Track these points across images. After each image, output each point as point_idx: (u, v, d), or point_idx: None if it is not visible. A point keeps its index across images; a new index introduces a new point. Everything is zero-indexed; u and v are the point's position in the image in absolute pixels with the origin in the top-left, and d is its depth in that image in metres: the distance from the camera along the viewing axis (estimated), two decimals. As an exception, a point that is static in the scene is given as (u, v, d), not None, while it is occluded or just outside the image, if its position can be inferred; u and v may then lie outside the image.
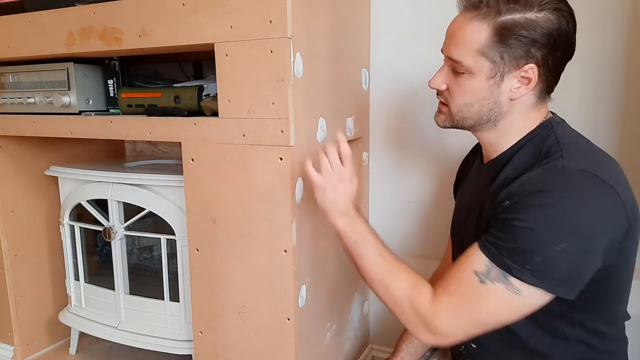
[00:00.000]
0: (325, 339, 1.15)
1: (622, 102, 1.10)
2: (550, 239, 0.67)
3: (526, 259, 0.68)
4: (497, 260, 0.70)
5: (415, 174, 1.35)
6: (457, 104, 0.78)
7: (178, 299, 1.22)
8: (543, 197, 0.68)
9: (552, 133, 0.77)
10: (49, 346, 1.51)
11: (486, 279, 0.71)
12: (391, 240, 1.39)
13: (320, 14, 1.01)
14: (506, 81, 0.74)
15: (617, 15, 1.07)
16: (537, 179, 0.71)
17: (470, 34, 0.73)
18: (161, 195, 1.19)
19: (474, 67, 0.74)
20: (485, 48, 0.72)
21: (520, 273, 0.68)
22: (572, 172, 0.69)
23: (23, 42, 1.19)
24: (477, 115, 0.78)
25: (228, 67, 0.95)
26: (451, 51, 0.76)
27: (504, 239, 0.70)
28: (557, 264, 0.67)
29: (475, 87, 0.75)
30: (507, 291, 0.69)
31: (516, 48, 0.71)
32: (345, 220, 0.84)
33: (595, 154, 0.76)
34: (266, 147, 0.94)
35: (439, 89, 0.81)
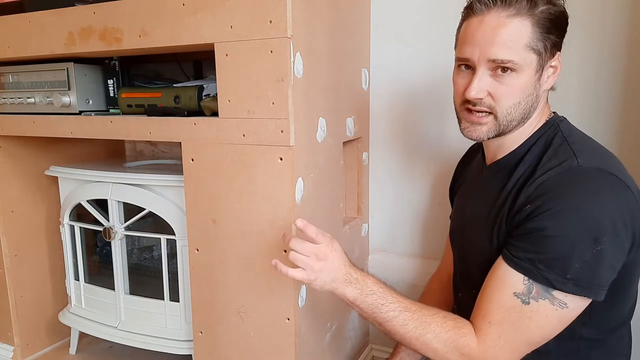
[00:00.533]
0: (325, 339, 1.15)
1: (621, 99, 1.10)
2: (584, 242, 0.66)
3: (565, 267, 0.66)
4: (535, 276, 0.68)
5: (415, 174, 1.35)
6: (506, 106, 0.74)
7: (178, 299, 1.22)
8: (566, 201, 0.67)
9: (559, 131, 0.77)
10: (49, 346, 1.51)
11: (529, 298, 0.69)
12: (391, 240, 1.40)
13: (320, 14, 1.01)
14: (544, 72, 0.74)
15: (617, 12, 1.07)
16: (555, 180, 0.70)
17: (514, 30, 0.70)
18: (161, 195, 1.19)
19: (524, 63, 0.71)
20: (533, 41, 0.71)
21: (563, 284, 0.67)
22: (588, 171, 0.69)
23: (23, 42, 1.19)
24: (523, 113, 0.75)
25: (228, 67, 0.95)
26: (496, 53, 0.71)
27: (537, 251, 0.68)
28: (596, 267, 0.66)
29: (525, 83, 0.73)
30: (553, 306, 0.68)
31: (554, 37, 0.72)
32: (354, 289, 0.79)
33: (600, 150, 0.76)
34: (266, 147, 0.94)
35: (479, 98, 0.74)
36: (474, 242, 0.86)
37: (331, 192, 1.12)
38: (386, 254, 1.41)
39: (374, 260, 1.42)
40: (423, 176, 1.34)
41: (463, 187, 1.00)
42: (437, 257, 1.34)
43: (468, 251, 0.90)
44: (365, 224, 1.38)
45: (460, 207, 0.97)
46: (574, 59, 1.12)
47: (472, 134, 0.78)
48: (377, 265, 1.42)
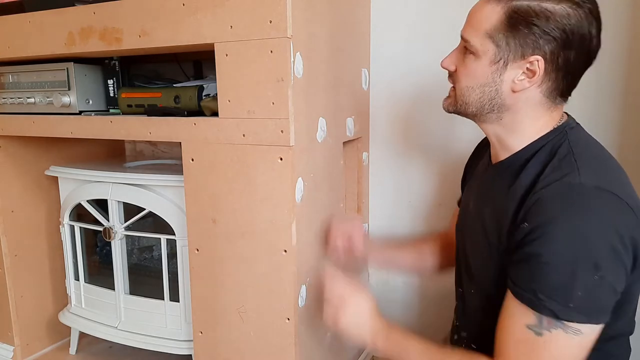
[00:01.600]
0: (325, 339, 1.15)
1: (623, 100, 1.10)
2: (584, 269, 0.64)
3: (567, 296, 0.65)
4: (538, 306, 0.66)
5: (415, 174, 1.35)
6: (462, 86, 0.78)
7: (178, 299, 1.22)
8: (564, 224, 0.65)
9: (566, 139, 0.74)
10: (49, 346, 1.51)
11: (541, 329, 0.67)
12: (391, 240, 1.40)
13: (320, 14, 1.01)
14: (510, 70, 0.72)
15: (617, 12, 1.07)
16: (552, 198, 0.68)
17: (484, 14, 0.72)
18: (161, 195, 1.19)
19: (480, 49, 0.73)
20: (493, 31, 0.71)
21: (567, 314, 0.65)
22: (588, 190, 0.67)
23: (23, 42, 1.19)
24: (479, 102, 0.76)
25: (228, 67, 0.95)
26: (464, 29, 0.76)
27: (536, 280, 0.67)
28: (598, 293, 0.65)
29: (478, 69, 0.74)
30: (567, 334, 0.66)
31: (525, 36, 0.69)
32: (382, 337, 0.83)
33: (607, 165, 0.74)
34: (266, 147, 0.94)
35: (448, 69, 0.80)
36: (474, 241, 0.86)
37: (331, 192, 1.12)
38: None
39: (374, 260, 1.42)
40: (423, 176, 1.34)
41: (470, 182, 0.99)
42: (437, 257, 1.34)
43: (468, 249, 0.89)
44: (365, 224, 1.38)
45: (465, 202, 0.96)
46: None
47: (443, 103, 0.84)
48: (377, 265, 1.42)
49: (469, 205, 0.91)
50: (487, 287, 0.83)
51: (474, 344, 0.88)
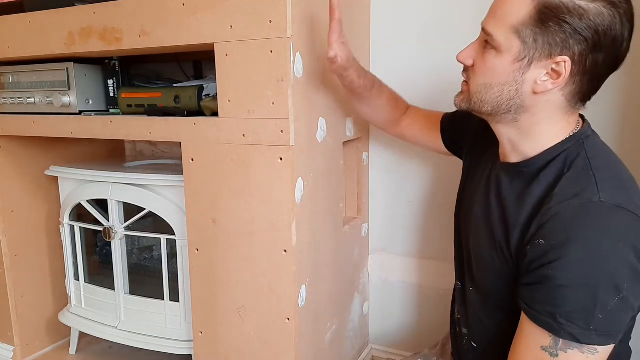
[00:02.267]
0: (325, 339, 1.15)
1: (622, 101, 1.10)
2: (605, 292, 0.62)
3: (588, 320, 0.63)
4: (557, 331, 0.65)
5: (415, 174, 1.35)
6: (477, 82, 0.72)
7: (178, 299, 1.22)
8: (584, 247, 0.63)
9: (583, 150, 0.71)
10: (49, 346, 1.51)
11: (556, 350, 0.66)
12: (391, 240, 1.40)
13: (320, 14, 1.01)
14: (533, 69, 0.67)
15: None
16: (572, 216, 0.65)
17: (512, 6, 0.66)
18: (161, 195, 1.19)
19: (504, 44, 0.67)
20: (521, 25, 0.66)
21: (588, 337, 0.63)
22: (609, 210, 0.64)
23: (23, 42, 1.19)
24: (496, 101, 0.71)
25: (228, 67, 0.95)
26: (487, 21, 0.70)
27: (556, 304, 0.64)
28: (619, 315, 0.64)
29: (499, 66, 0.69)
30: (584, 354, 0.64)
31: (554, 34, 0.64)
32: None
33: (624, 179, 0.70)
34: (266, 147, 0.94)
35: (465, 64, 0.75)
36: (479, 242, 0.83)
37: (331, 192, 1.12)
38: (386, 254, 1.41)
39: (374, 260, 1.42)
40: (423, 176, 1.34)
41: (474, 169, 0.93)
42: (438, 257, 1.34)
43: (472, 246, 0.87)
44: (365, 224, 1.38)
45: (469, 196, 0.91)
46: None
47: (454, 100, 0.79)
48: (377, 265, 1.42)
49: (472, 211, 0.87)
50: (489, 288, 0.82)
51: (474, 342, 0.88)
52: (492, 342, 0.84)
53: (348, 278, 1.28)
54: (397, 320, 1.43)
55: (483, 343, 0.87)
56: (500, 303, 0.79)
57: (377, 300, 1.44)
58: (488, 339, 0.85)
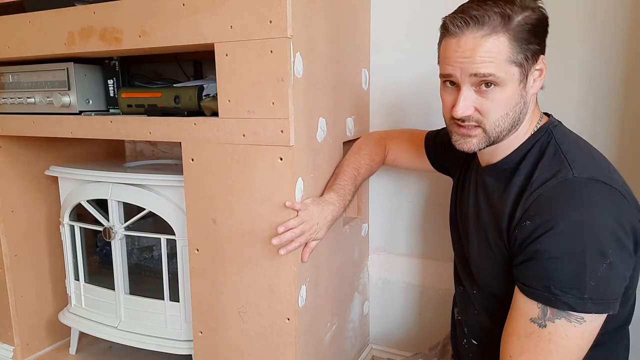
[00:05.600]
0: (325, 339, 1.15)
1: (621, 103, 1.10)
2: (593, 258, 0.65)
3: (581, 287, 0.66)
4: (554, 302, 0.67)
5: (415, 174, 1.35)
6: (494, 119, 0.74)
7: (178, 299, 1.22)
8: (567, 218, 0.67)
9: (552, 137, 0.77)
10: (49, 346, 1.51)
11: (545, 320, 0.69)
12: (391, 240, 1.40)
13: (320, 14, 1.01)
14: (530, 78, 0.74)
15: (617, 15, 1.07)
16: (551, 194, 0.70)
17: (492, 48, 0.70)
18: (161, 195, 1.19)
19: (506, 77, 0.71)
20: (512, 55, 0.70)
21: (582, 305, 0.66)
22: (583, 182, 0.69)
23: (23, 42, 1.19)
24: (512, 123, 0.75)
25: (228, 67, 0.95)
26: (477, 68, 0.71)
27: (549, 277, 0.68)
28: (610, 280, 0.66)
29: (510, 95, 0.73)
30: (571, 323, 0.67)
31: (534, 44, 0.72)
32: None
33: (594, 158, 0.76)
34: (266, 147, 0.94)
35: (467, 114, 0.75)
36: (476, 246, 0.86)
37: (331, 192, 1.12)
38: (386, 254, 1.41)
39: (374, 260, 1.42)
40: (423, 176, 1.34)
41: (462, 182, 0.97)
42: (437, 257, 1.34)
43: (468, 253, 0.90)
44: (365, 224, 1.38)
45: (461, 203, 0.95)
46: (575, 60, 1.12)
47: (463, 146, 0.78)
48: (377, 265, 1.42)
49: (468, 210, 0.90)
50: (492, 289, 0.83)
51: (475, 340, 0.89)
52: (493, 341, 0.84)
53: (348, 278, 1.28)
54: (397, 320, 1.43)
55: (484, 342, 0.87)
56: (502, 300, 0.80)
57: (377, 300, 1.44)
58: (489, 338, 0.85)
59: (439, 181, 1.31)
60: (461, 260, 0.94)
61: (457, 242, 0.97)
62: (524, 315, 0.71)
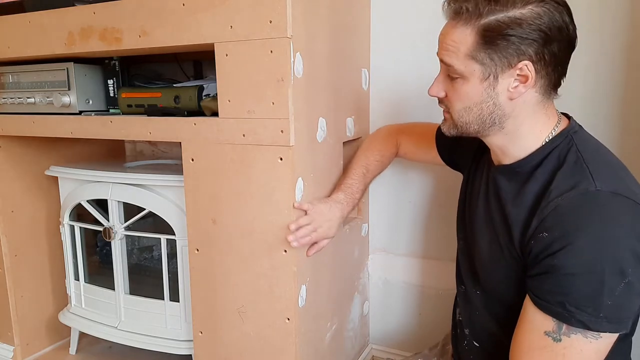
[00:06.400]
0: (325, 339, 1.15)
1: (623, 100, 1.10)
2: (611, 277, 0.64)
3: (597, 306, 0.64)
4: (568, 319, 0.66)
5: (415, 174, 1.35)
6: (457, 109, 0.76)
7: (178, 299, 1.22)
8: (587, 234, 0.65)
9: (573, 145, 0.74)
10: (49, 346, 1.51)
11: (560, 335, 0.67)
12: (391, 240, 1.40)
13: (320, 14, 1.01)
14: (501, 81, 0.71)
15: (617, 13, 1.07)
16: (571, 207, 0.67)
17: (457, 39, 0.72)
18: (161, 195, 1.19)
19: (465, 70, 0.72)
20: (473, 52, 0.71)
21: (598, 324, 0.65)
22: (606, 197, 0.67)
23: (23, 42, 1.19)
24: (479, 119, 0.75)
25: (228, 67, 0.95)
26: (442, 54, 0.75)
27: (565, 293, 0.66)
28: (626, 300, 0.65)
29: (470, 90, 0.73)
30: (587, 339, 0.66)
31: (505, 48, 0.69)
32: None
33: (616, 168, 0.73)
34: (266, 147, 0.94)
35: (438, 97, 0.79)
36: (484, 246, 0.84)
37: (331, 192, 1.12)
38: (386, 254, 1.41)
39: (374, 260, 1.42)
40: (423, 176, 1.34)
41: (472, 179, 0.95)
42: (437, 257, 1.34)
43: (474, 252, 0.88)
44: (365, 224, 1.38)
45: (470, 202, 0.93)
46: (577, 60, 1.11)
47: (442, 128, 0.82)
48: (377, 265, 1.42)
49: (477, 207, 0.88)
50: (498, 292, 0.82)
51: (476, 342, 0.88)
52: (495, 342, 0.84)
53: (348, 278, 1.28)
54: (397, 320, 1.43)
55: (485, 343, 0.87)
56: (505, 303, 0.79)
57: (377, 300, 1.44)
58: (490, 339, 0.85)
59: (439, 181, 1.32)
60: (466, 258, 0.93)
61: (462, 238, 0.95)
62: (538, 328, 0.69)
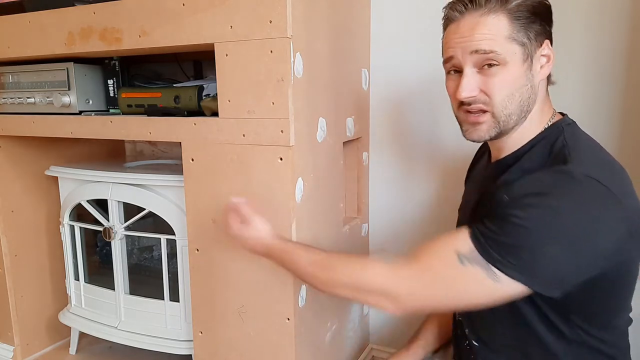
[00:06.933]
0: (325, 339, 1.15)
1: (623, 100, 1.10)
2: (541, 239, 0.65)
3: (512, 253, 0.66)
4: (483, 249, 0.68)
5: (415, 174, 1.35)
6: (499, 99, 0.73)
7: (178, 299, 1.22)
8: (543, 199, 0.67)
9: (562, 135, 0.75)
10: (49, 346, 1.51)
11: (466, 261, 0.69)
12: (391, 241, 1.40)
13: (320, 14, 1.01)
14: (535, 62, 0.73)
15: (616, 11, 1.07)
16: (539, 179, 0.70)
17: (491, 27, 0.71)
18: (161, 195, 1.19)
19: (508, 53, 0.71)
20: (512, 33, 0.71)
21: (503, 265, 0.67)
22: (576, 177, 0.67)
23: (23, 42, 1.19)
24: (520, 107, 0.74)
25: (228, 67, 0.95)
26: (478, 44, 0.71)
27: (495, 232, 0.68)
28: (543, 263, 0.66)
29: (514, 74, 0.72)
30: (485, 276, 0.68)
31: (535, 25, 0.72)
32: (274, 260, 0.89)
33: (604, 161, 0.74)
34: (266, 147, 0.94)
35: (473, 96, 0.74)
36: None
37: (331, 192, 1.12)
38: (386, 253, 1.41)
39: (374, 260, 1.42)
40: (423, 176, 1.34)
41: (471, 180, 0.99)
42: (437, 257, 1.34)
43: None
44: (365, 224, 1.38)
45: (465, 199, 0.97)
46: (575, 57, 1.12)
47: (473, 135, 0.77)
48: (377, 265, 1.42)
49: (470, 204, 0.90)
50: None
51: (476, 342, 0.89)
52: (495, 341, 0.84)
53: (348, 278, 1.28)
54: (397, 320, 1.43)
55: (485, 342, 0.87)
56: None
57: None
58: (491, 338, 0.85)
59: (439, 181, 1.32)
60: None
61: None
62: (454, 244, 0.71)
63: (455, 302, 0.74)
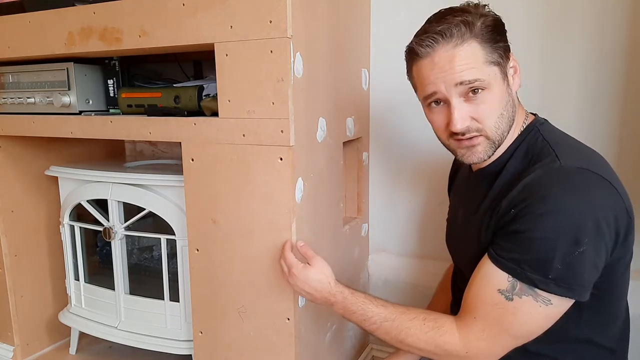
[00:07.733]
0: (325, 339, 1.15)
1: (621, 103, 1.10)
2: (565, 244, 0.66)
3: (547, 268, 0.68)
4: (519, 275, 0.69)
5: (415, 174, 1.35)
6: (492, 122, 0.74)
7: (178, 299, 1.22)
8: (548, 203, 0.68)
9: (539, 135, 0.78)
10: (49, 346, 1.51)
11: (512, 295, 0.70)
12: (391, 240, 1.40)
13: (320, 14, 1.01)
14: (508, 76, 0.76)
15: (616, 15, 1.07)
16: (537, 182, 0.71)
17: (467, 56, 0.72)
18: (161, 195, 1.19)
19: (490, 77, 0.73)
20: (487, 56, 0.73)
21: (546, 284, 0.68)
22: (570, 170, 0.70)
23: (23, 42, 1.19)
24: (508, 122, 0.76)
25: (228, 67, 0.95)
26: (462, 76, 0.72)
27: (520, 252, 0.70)
28: (578, 268, 0.67)
29: (498, 94, 0.74)
30: (537, 303, 0.69)
31: (501, 42, 0.74)
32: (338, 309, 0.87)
33: (584, 151, 0.77)
34: (266, 147, 0.94)
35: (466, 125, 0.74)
36: (465, 248, 0.87)
37: (331, 192, 1.12)
38: (386, 254, 1.41)
39: (374, 260, 1.42)
40: (423, 176, 1.34)
41: (454, 191, 1.01)
42: (437, 257, 1.34)
43: (461, 256, 0.92)
44: (365, 224, 1.38)
45: (451, 214, 0.99)
46: (573, 62, 1.12)
47: (471, 159, 0.78)
48: (377, 265, 1.42)
49: (457, 218, 0.92)
50: None
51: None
52: None
53: (348, 278, 1.28)
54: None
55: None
56: None
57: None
58: None
59: (439, 181, 1.31)
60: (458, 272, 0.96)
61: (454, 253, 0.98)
62: (492, 284, 0.72)
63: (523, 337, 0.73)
